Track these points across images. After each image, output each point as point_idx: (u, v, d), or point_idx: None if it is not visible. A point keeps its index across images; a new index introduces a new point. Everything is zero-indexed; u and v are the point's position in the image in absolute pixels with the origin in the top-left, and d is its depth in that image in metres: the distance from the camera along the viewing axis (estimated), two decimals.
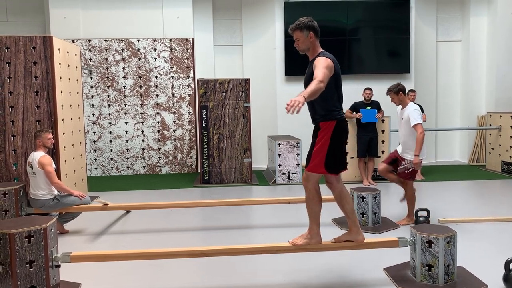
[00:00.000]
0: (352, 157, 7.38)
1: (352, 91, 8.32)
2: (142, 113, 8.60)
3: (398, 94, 5.08)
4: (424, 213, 4.82)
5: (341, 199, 3.52)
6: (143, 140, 8.63)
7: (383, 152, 7.44)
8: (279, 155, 7.39)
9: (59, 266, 3.26)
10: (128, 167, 8.63)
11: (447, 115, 9.69)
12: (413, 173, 4.95)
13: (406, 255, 3.68)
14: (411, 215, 5.03)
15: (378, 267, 3.71)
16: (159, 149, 8.68)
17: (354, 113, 7.18)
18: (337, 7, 8.84)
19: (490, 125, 8.49)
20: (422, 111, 7.68)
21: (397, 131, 7.92)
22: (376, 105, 7.24)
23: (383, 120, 7.41)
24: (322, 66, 3.13)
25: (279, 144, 7.41)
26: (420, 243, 3.32)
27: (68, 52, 5.91)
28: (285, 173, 7.43)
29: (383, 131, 7.43)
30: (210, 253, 3.45)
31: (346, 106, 7.17)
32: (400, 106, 5.12)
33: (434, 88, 9.51)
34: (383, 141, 7.44)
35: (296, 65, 8.92)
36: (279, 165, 7.41)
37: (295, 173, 7.40)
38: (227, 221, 5.19)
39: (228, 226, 5.02)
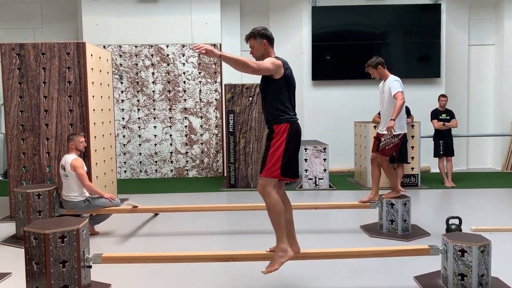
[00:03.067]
0: None
1: None
2: (170, 118, 8.72)
3: (377, 67, 5.03)
4: (456, 221, 4.68)
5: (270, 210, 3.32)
6: (171, 144, 8.75)
7: (412, 158, 7.30)
8: (306, 160, 7.35)
9: (90, 266, 3.34)
10: (156, 171, 8.76)
11: (479, 121, 9.42)
12: (395, 148, 4.92)
13: (436, 264, 3.59)
14: (396, 187, 4.93)
15: (408, 276, 3.63)
16: (187, 153, 8.78)
17: None
18: (365, 11, 8.75)
19: None
20: (453, 117, 7.55)
21: (427, 137, 7.82)
22: (406, 110, 7.10)
23: (412, 126, 7.28)
24: (266, 60, 3.24)
25: (305, 149, 7.37)
26: (452, 252, 3.23)
27: (100, 57, 6.06)
28: (312, 179, 7.38)
29: (412, 136, 7.29)
30: (238, 258, 3.46)
31: (374, 110, 7.15)
32: (382, 81, 5.06)
33: (465, 93, 9.27)
34: (412, 147, 7.30)
35: (324, 69, 8.89)
36: (306, 170, 7.36)
37: (322, 179, 7.34)
38: (253, 226, 5.19)
39: (254, 231, 5.02)
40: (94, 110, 5.73)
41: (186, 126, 8.75)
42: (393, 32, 8.85)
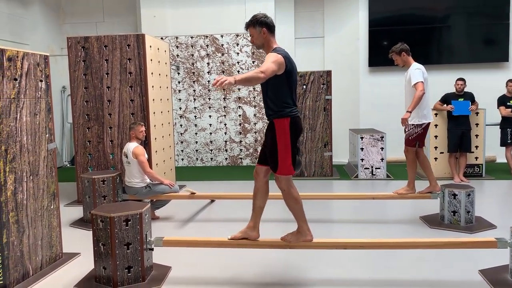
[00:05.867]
0: (441, 152, 6.97)
1: (442, 82, 7.86)
2: (224, 107, 8.85)
3: (401, 54, 4.89)
4: None
5: (259, 194, 3.47)
6: (225, 133, 8.89)
7: (476, 147, 6.92)
8: (362, 149, 7.19)
9: (152, 249, 3.48)
10: (211, 159, 8.95)
11: None
12: (418, 138, 4.80)
13: (501, 258, 3.40)
14: (411, 183, 4.84)
15: (472, 269, 3.47)
16: (241, 141, 8.87)
17: (445, 105, 6.75)
18: None
19: None
20: None
21: (493, 125, 7.38)
22: (470, 97, 6.74)
23: (477, 113, 6.89)
24: (269, 60, 3.12)
25: (361, 138, 7.21)
26: None
27: (158, 48, 6.24)
28: (368, 168, 7.21)
29: (477, 124, 6.91)
30: (295, 246, 3.46)
31: (436, 97, 6.85)
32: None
33: None
34: (477, 136, 6.92)
35: (381, 55, 8.59)
36: (362, 160, 7.21)
37: (379, 168, 7.15)
38: (308, 215, 5.15)
39: (308, 220, 4.97)
40: (153, 100, 5.93)
41: (240, 115, 8.83)
42: (455, 15, 8.38)
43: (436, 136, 6.96)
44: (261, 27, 3.29)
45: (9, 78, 3.31)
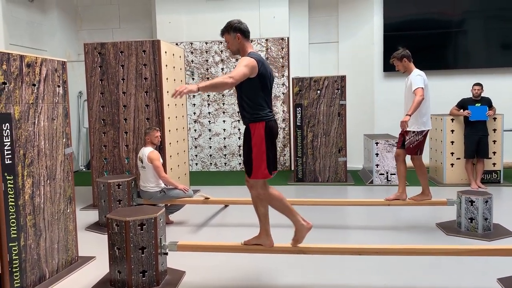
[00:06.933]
0: (458, 158, 6.87)
1: (459, 87, 7.77)
2: (238, 112, 8.85)
3: (402, 60, 4.86)
4: None
5: (257, 202, 3.42)
6: (239, 138, 8.90)
7: (494, 153, 6.81)
8: (377, 154, 7.13)
9: (166, 253, 3.49)
10: (225, 163, 8.97)
11: None
12: (419, 146, 4.76)
13: None
14: (426, 190, 4.80)
15: (490, 277, 3.41)
16: None
17: (461, 110, 6.66)
18: None
19: None
20: None
21: (511, 130, 7.26)
22: (487, 102, 6.64)
23: (495, 118, 6.78)
24: (241, 64, 3.13)
25: (376, 143, 7.15)
26: None
27: (173, 54, 6.30)
28: (383, 174, 7.15)
29: (494, 130, 6.80)
30: (309, 251, 3.44)
31: (452, 103, 6.77)
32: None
33: None
34: (494, 141, 6.81)
35: None
36: (377, 165, 7.15)
37: (394, 174, 7.08)
38: (321, 220, 5.13)
39: (322, 225, 4.96)
40: (168, 105, 5.98)
41: None
42: (472, 19, 8.28)
43: (452, 142, 6.87)
44: (235, 33, 3.35)
45: (28, 84, 3.37)
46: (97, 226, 5.08)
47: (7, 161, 3.14)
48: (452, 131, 6.84)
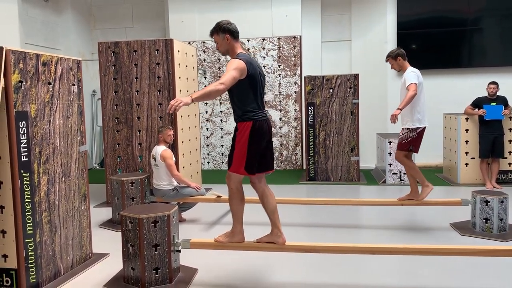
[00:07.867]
0: (473, 158, 6.79)
1: (474, 85, 7.67)
2: None
3: (396, 59, 4.84)
4: None
5: (263, 199, 3.48)
6: None
7: (510, 153, 6.71)
8: (390, 153, 7.08)
9: (179, 251, 3.51)
10: None
11: None
12: (412, 143, 4.71)
13: None
14: (424, 183, 4.76)
15: (507, 278, 3.36)
16: None
17: (476, 109, 6.58)
18: None
19: None
20: None
21: None
22: (503, 101, 6.54)
23: (510, 117, 6.68)
24: (230, 68, 3.15)
25: (390, 142, 7.10)
26: None
27: (186, 53, 6.32)
28: (396, 173, 7.09)
29: (510, 129, 6.69)
30: (322, 249, 3.44)
31: (467, 102, 6.69)
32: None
33: None
34: (510, 141, 6.71)
35: (410, 59, 8.43)
36: (390, 165, 7.09)
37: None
38: (333, 220, 5.12)
39: (334, 225, 4.95)
40: None
41: None
42: (487, 17, 8.17)
43: (467, 141, 6.78)
44: (224, 34, 3.38)
45: (43, 82, 3.41)
46: (110, 223, 5.13)
47: (23, 158, 3.19)
48: (467, 130, 6.75)
